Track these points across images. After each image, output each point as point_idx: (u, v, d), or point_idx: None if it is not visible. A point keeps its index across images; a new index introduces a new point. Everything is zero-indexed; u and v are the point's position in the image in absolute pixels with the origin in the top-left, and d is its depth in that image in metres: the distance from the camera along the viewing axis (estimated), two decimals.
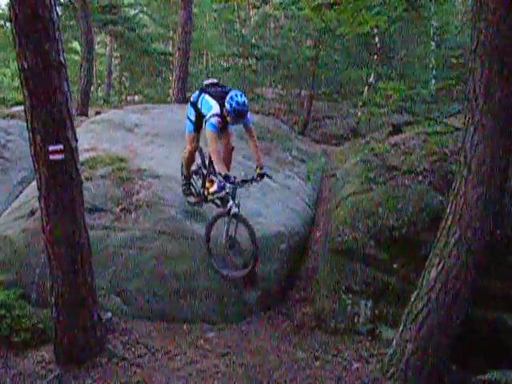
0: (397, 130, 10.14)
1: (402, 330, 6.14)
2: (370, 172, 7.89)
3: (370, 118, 14.06)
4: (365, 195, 7.52)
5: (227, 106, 7.15)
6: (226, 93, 7.33)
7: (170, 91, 18.74)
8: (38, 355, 6.55)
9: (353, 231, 7.18)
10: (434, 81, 16.93)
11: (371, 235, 7.10)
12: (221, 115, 7.28)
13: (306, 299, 7.65)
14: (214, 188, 7.53)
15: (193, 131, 7.96)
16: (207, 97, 7.56)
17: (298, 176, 9.96)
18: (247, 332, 7.07)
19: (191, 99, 7.95)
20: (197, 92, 7.89)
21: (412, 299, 6.14)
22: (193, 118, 7.89)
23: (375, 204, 7.30)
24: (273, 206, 8.73)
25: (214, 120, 7.20)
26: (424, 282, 6.05)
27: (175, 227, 7.81)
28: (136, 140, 10.12)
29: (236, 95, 7.17)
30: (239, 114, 7.19)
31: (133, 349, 6.68)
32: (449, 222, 5.97)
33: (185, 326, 7.18)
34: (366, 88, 16.08)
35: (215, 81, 8.00)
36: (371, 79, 15.91)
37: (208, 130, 7.23)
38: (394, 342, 6.22)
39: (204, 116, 7.48)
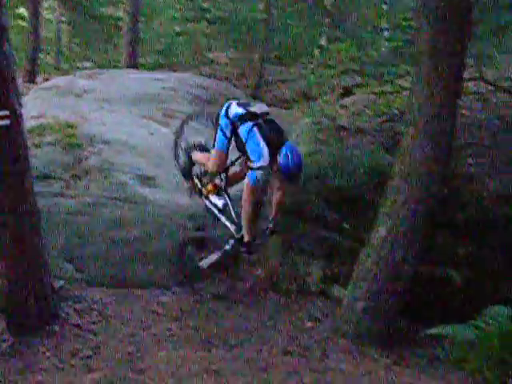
0: (347, 92, 10.17)
1: (353, 288, 6.25)
2: (319, 133, 7.91)
3: (322, 80, 14.04)
4: (315, 156, 7.54)
5: (281, 161, 6.18)
6: (281, 141, 6.40)
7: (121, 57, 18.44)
8: None
9: (303, 192, 7.22)
10: (385, 43, 16.99)
11: (321, 196, 7.15)
12: (270, 166, 6.34)
13: (259, 261, 7.70)
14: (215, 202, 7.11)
15: (226, 150, 6.79)
16: (258, 135, 6.37)
17: None
18: (201, 295, 7.09)
19: (231, 114, 6.69)
20: (239, 109, 6.66)
21: (361, 258, 6.24)
22: (228, 133, 6.70)
23: (325, 165, 7.33)
24: None
25: (260, 175, 6.33)
26: (373, 241, 6.14)
27: (126, 193, 7.75)
28: (85, 106, 9.96)
29: (293, 151, 6.24)
30: (291, 177, 6.34)
31: (86, 316, 6.63)
32: (396, 181, 6.05)
33: (139, 291, 7.14)
34: (318, 51, 16.06)
35: (267, 110, 6.86)
36: (322, 42, 15.87)
37: (249, 183, 6.43)
38: (345, 300, 6.33)
39: (244, 145, 6.53)
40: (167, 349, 5.99)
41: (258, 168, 6.29)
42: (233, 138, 6.68)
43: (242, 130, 6.51)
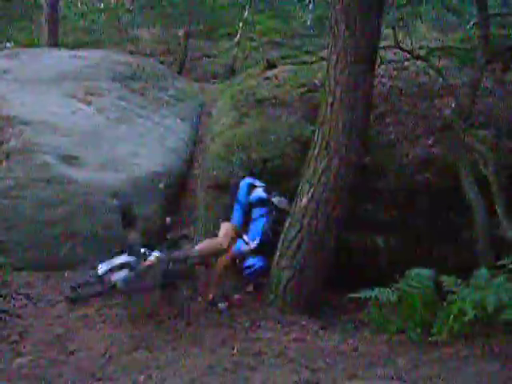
0: (271, 65, 10.18)
1: (278, 258, 6.33)
2: (242, 106, 7.93)
3: (247, 55, 14.07)
4: (238, 129, 7.57)
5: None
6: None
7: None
8: None
9: (227, 165, 7.24)
10: (309, 15, 17.09)
11: (245, 168, 7.18)
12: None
13: (187, 237, 7.70)
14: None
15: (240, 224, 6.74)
16: (266, 224, 6.60)
17: (175, 115, 9.88)
18: None
19: (253, 194, 6.71)
20: (263, 194, 6.69)
21: (285, 227, 6.32)
22: (246, 211, 6.73)
23: (248, 137, 7.36)
24: (150, 146, 8.64)
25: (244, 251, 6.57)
26: (296, 210, 6.23)
27: (49, 173, 7.59)
28: (4, 87, 9.67)
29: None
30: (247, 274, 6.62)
31: (13, 300, 6.53)
32: (317, 150, 6.14)
33: (66, 273, 7.08)
34: (241, 24, 15.96)
35: (284, 207, 6.75)
36: (246, 15, 15.77)
37: (233, 250, 6.56)
38: (272, 270, 6.41)
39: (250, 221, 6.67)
40: (97, 329, 5.96)
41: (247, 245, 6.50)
42: None
43: (256, 211, 6.63)
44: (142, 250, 6.70)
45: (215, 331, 5.89)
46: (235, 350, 5.45)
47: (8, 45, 23.63)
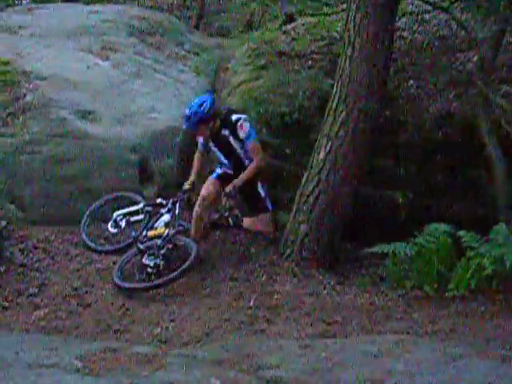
0: (290, 18, 10.02)
1: (295, 212, 6.30)
2: (259, 59, 7.81)
3: (266, 9, 13.81)
4: (255, 83, 7.48)
5: None
6: None
7: None
8: None
9: None
10: None
11: (263, 122, 7.10)
12: None
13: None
14: None
15: None
16: None
17: (191, 70, 9.76)
18: None
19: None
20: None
21: (303, 181, 6.27)
22: None
23: (266, 91, 7.27)
24: (166, 100, 8.54)
25: None
26: (313, 164, 6.16)
27: (65, 129, 7.56)
28: (21, 42, 9.59)
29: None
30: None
31: (31, 254, 6.59)
32: (335, 103, 6.05)
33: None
34: None
35: None
36: None
37: None
38: (288, 224, 6.38)
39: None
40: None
41: None
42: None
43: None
44: (158, 200, 6.80)
45: (231, 284, 5.91)
46: (251, 303, 5.48)
47: (25, 1, 23.51)
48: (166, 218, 6.60)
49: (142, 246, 6.21)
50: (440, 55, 7.66)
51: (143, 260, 6.07)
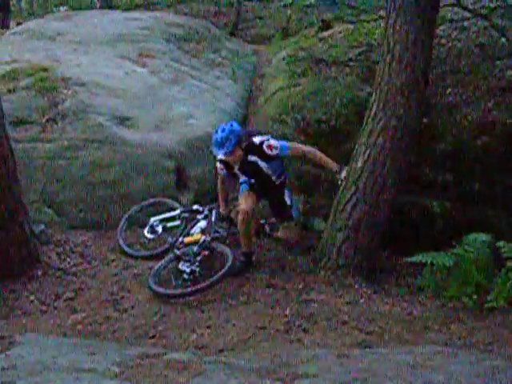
0: (327, 25, 9.99)
1: (332, 220, 6.25)
2: (296, 66, 7.79)
3: (301, 16, 13.82)
4: (293, 90, 7.46)
5: None
6: None
7: None
8: None
9: (282, 126, 7.15)
10: None
11: (300, 129, 7.09)
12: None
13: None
14: None
15: None
16: None
17: (227, 76, 9.80)
18: None
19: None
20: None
21: (340, 189, 6.23)
22: None
23: (303, 98, 7.25)
24: (203, 107, 8.59)
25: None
26: (351, 172, 6.12)
27: (103, 135, 7.63)
28: (59, 48, 9.72)
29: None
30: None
31: (68, 259, 6.65)
32: (373, 111, 6.00)
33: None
34: None
35: None
36: None
37: None
38: (325, 232, 6.34)
39: None
40: None
41: None
42: None
43: None
44: (195, 207, 6.83)
45: (268, 292, 5.88)
46: (287, 312, 5.43)
47: (62, 8, 23.82)
48: (203, 224, 6.62)
49: (178, 252, 6.23)
50: (479, 63, 7.55)
51: (179, 266, 6.08)
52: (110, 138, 7.61)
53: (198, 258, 6.10)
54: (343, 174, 6.23)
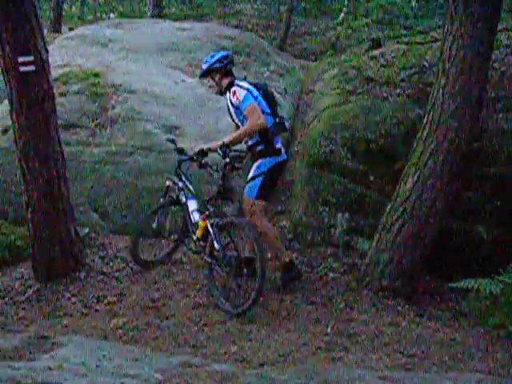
0: (377, 43, 9.97)
1: (378, 240, 6.21)
2: (347, 84, 7.76)
3: (351, 33, 13.80)
4: (342, 107, 7.41)
5: None
6: None
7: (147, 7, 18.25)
8: (17, 272, 6.60)
9: (330, 143, 7.11)
10: None
11: (348, 147, 7.04)
12: None
13: (284, 212, 7.68)
14: None
15: None
16: None
17: (275, 91, 9.82)
18: None
19: None
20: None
21: (387, 210, 6.19)
22: None
23: (352, 116, 7.20)
24: None
25: None
26: (399, 193, 6.08)
27: (151, 142, 7.74)
28: (111, 55, 9.88)
29: None
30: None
31: (111, 263, 6.75)
32: (425, 133, 5.96)
33: (162, 240, 7.21)
34: (346, 2, 15.71)
35: None
36: None
37: None
38: (370, 251, 6.30)
39: None
40: (191, 296, 6.05)
41: None
42: None
43: None
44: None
45: (309, 309, 5.86)
46: (329, 330, 5.41)
47: (111, 15, 24.20)
48: (194, 205, 6.57)
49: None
50: None
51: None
52: (158, 145, 7.70)
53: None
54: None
